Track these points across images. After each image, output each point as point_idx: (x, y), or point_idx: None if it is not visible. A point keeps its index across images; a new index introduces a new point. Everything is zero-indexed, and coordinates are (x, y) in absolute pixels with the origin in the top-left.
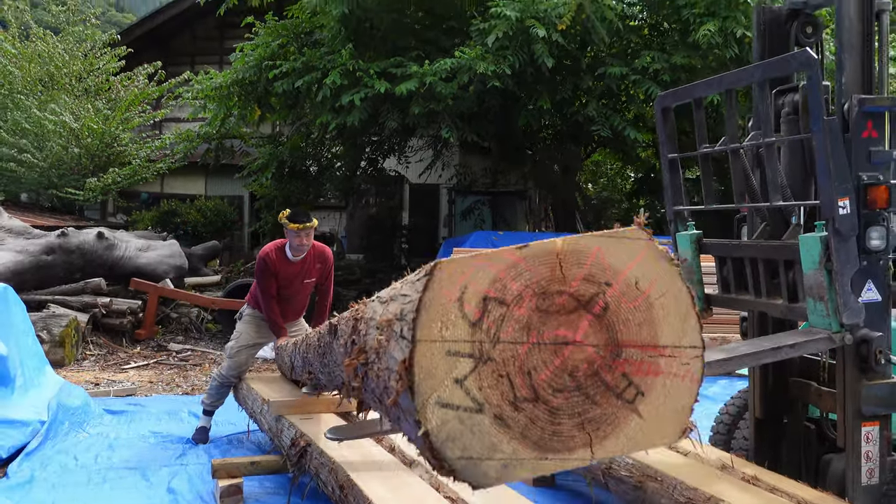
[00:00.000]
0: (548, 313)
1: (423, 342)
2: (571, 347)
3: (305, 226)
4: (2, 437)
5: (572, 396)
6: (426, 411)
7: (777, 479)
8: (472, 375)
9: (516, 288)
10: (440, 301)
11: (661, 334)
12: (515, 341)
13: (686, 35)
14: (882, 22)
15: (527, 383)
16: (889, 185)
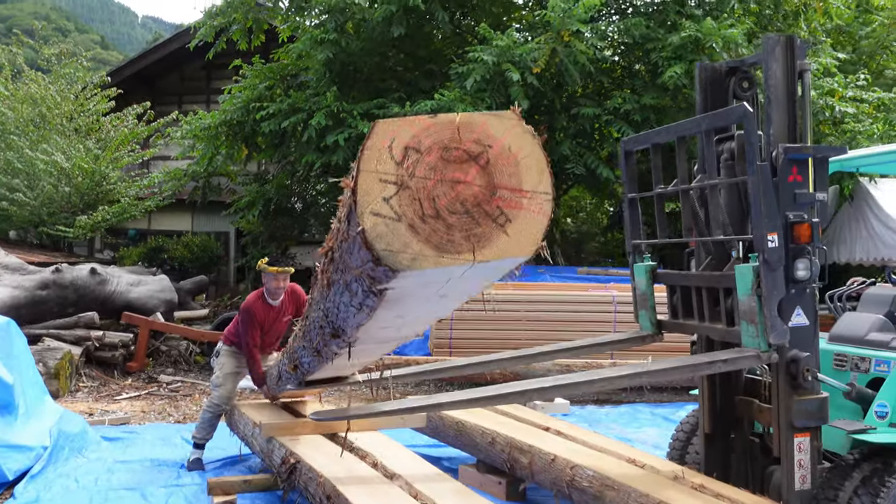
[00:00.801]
0: (448, 161)
1: (364, 172)
2: (463, 185)
3: (283, 270)
4: (8, 460)
5: (462, 218)
6: (364, 218)
7: (722, 486)
8: (395, 197)
9: (428, 143)
10: (377, 146)
11: (524, 182)
12: (425, 177)
13: (655, 77)
14: (804, 80)
15: (432, 206)
16: (812, 223)
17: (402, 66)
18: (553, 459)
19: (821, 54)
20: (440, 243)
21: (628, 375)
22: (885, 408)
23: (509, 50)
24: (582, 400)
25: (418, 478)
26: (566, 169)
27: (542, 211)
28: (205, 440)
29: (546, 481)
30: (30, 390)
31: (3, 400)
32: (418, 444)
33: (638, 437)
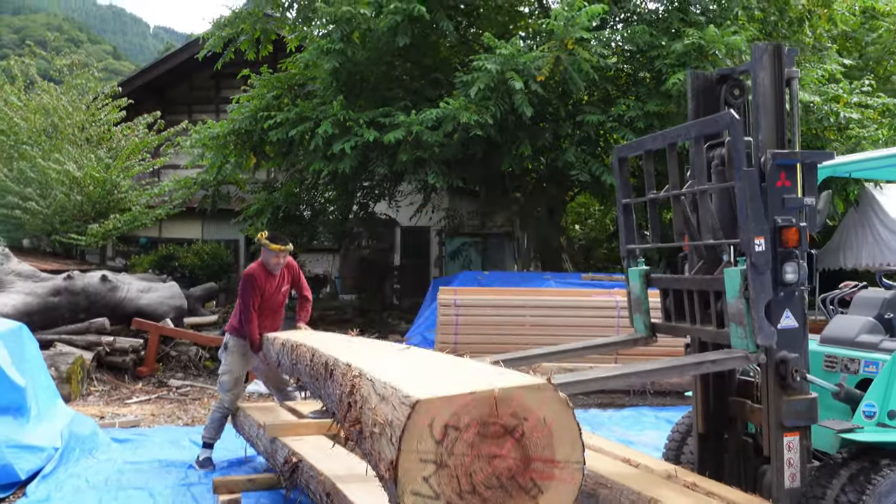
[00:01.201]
0: (485, 437)
1: (405, 451)
2: (499, 459)
3: (284, 248)
4: (21, 461)
5: (497, 491)
6: (404, 497)
7: (714, 485)
8: (434, 475)
9: (467, 420)
10: (417, 425)
11: (557, 453)
12: (464, 454)
13: (660, 84)
14: (792, 87)
15: (469, 482)
16: (800, 228)
17: (408, 75)
18: None
19: (826, 60)
20: None
21: (620, 375)
22: (873, 408)
23: (513, 58)
24: (585, 404)
25: None
26: (571, 176)
27: (573, 480)
28: (213, 440)
29: None
30: (41, 393)
31: (16, 402)
32: None
33: (640, 439)
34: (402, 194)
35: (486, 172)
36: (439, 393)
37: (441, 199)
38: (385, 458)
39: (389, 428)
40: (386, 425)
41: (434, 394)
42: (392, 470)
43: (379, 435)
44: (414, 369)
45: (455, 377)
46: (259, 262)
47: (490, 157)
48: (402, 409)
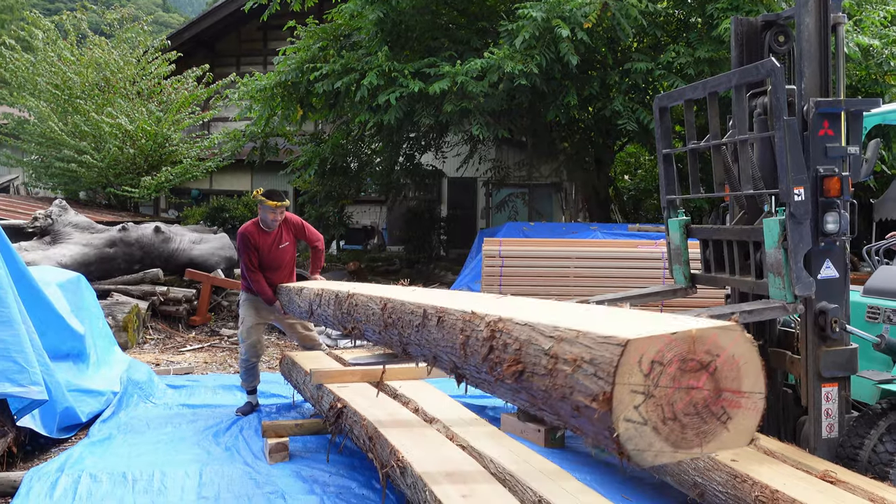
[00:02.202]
0: (684, 371)
1: (618, 384)
2: (695, 391)
3: (280, 204)
4: (82, 404)
5: (693, 418)
6: (617, 424)
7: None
8: (642, 405)
9: (669, 356)
10: (628, 361)
11: (743, 385)
12: (666, 386)
13: (711, 29)
14: (838, 33)
15: (671, 410)
16: (841, 177)
17: (453, 24)
18: None
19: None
20: (676, 441)
21: None
22: None
23: (559, 5)
24: None
25: (455, 422)
26: (618, 125)
27: (756, 408)
28: (252, 386)
29: None
30: (100, 341)
31: (76, 349)
32: (464, 395)
33: None
34: (448, 145)
35: (532, 123)
36: (646, 333)
37: (488, 150)
38: (588, 390)
39: (589, 365)
40: (582, 363)
41: (641, 334)
42: (606, 401)
43: (572, 372)
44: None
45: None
46: (253, 221)
47: (536, 107)
48: (608, 348)
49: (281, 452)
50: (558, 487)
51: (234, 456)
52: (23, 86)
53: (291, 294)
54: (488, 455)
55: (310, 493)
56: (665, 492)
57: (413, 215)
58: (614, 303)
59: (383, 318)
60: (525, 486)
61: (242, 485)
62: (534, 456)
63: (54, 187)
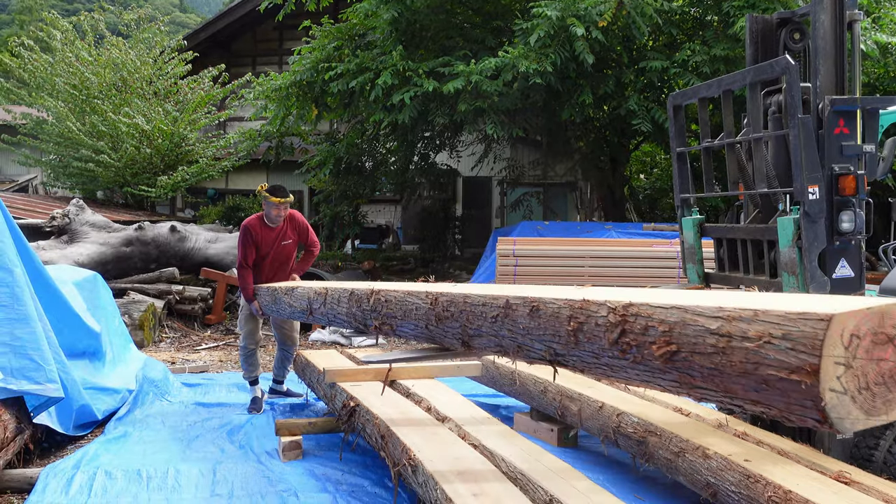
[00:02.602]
0: (876, 343)
1: (825, 357)
2: (884, 362)
3: (284, 200)
4: (98, 401)
5: (881, 388)
6: (824, 394)
7: (765, 434)
8: (843, 375)
9: (864, 329)
10: (832, 335)
11: None
12: (862, 357)
13: (727, 27)
14: (854, 31)
15: (864, 380)
16: (857, 175)
17: (468, 23)
18: (601, 407)
19: None
20: (868, 409)
21: None
22: None
23: (574, 4)
24: None
25: (467, 421)
26: (633, 124)
27: None
28: (253, 375)
29: (594, 428)
30: (115, 339)
31: (92, 347)
32: (478, 394)
33: None
34: (463, 144)
35: (547, 122)
36: (842, 308)
37: (503, 149)
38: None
39: (783, 341)
40: (771, 339)
41: (838, 309)
42: (814, 373)
43: (756, 348)
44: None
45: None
46: (257, 215)
47: (551, 106)
48: (807, 323)
49: (294, 450)
50: (570, 487)
51: (247, 454)
52: (41, 86)
53: (278, 294)
54: (500, 454)
55: (322, 490)
56: (678, 492)
57: (428, 214)
58: None
59: (435, 312)
60: (536, 485)
61: (256, 482)
62: (546, 455)
63: (72, 187)
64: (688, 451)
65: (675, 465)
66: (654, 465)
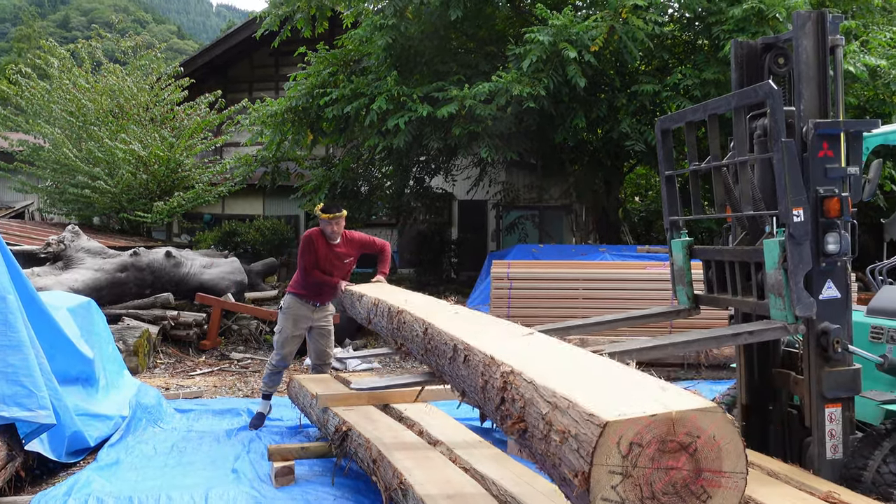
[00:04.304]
0: (664, 452)
1: (596, 465)
2: (675, 471)
3: (335, 215)
4: (91, 428)
5: (673, 497)
6: (595, 502)
7: (755, 456)
8: (620, 484)
9: (648, 437)
10: (607, 443)
11: (724, 465)
12: (645, 466)
13: (717, 51)
14: (836, 55)
15: (649, 489)
16: (841, 197)
17: (462, 49)
18: None
19: None
20: None
21: (656, 347)
22: None
23: (566, 29)
24: None
25: (459, 444)
26: (626, 147)
27: (737, 487)
28: (271, 390)
29: None
30: (109, 365)
31: (85, 373)
32: (472, 418)
33: None
34: (458, 168)
35: (541, 145)
36: (625, 415)
37: (498, 173)
38: (571, 465)
39: (574, 440)
40: (568, 436)
41: (621, 415)
42: (584, 480)
43: (560, 443)
44: (566, 372)
45: (620, 388)
46: (319, 229)
47: (544, 129)
48: (590, 427)
49: (287, 476)
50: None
51: (240, 479)
52: (38, 113)
53: (353, 299)
54: (491, 477)
55: None
56: None
57: (423, 238)
58: (615, 325)
59: (424, 343)
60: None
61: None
62: (537, 479)
63: (68, 213)
64: None
65: None
66: None
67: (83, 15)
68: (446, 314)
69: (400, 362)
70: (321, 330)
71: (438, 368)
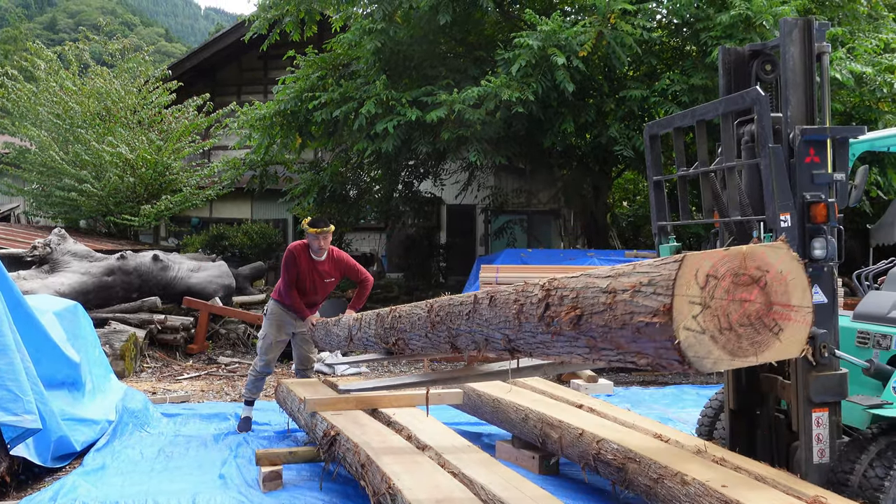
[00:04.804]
0: (737, 285)
1: (677, 296)
2: (748, 303)
3: (322, 230)
4: (76, 433)
5: (748, 329)
6: (678, 332)
7: (742, 460)
8: (699, 315)
9: (723, 270)
10: (685, 275)
11: (792, 299)
12: (721, 298)
13: (705, 57)
14: (823, 63)
15: (727, 320)
16: (828, 203)
17: (451, 54)
18: (581, 434)
19: (882, 29)
20: (733, 349)
21: None
22: None
23: (555, 34)
24: (627, 381)
25: (448, 449)
26: (615, 152)
27: (805, 321)
28: (253, 396)
29: (574, 455)
30: (95, 369)
31: (71, 377)
32: (460, 422)
33: (679, 416)
34: (446, 173)
35: (529, 150)
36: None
37: (486, 177)
38: (649, 308)
39: (648, 287)
40: (640, 286)
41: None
42: (667, 311)
43: (631, 297)
44: None
45: None
46: (303, 243)
47: (533, 134)
48: (665, 267)
49: (275, 481)
50: None
51: (227, 484)
52: (24, 115)
53: (329, 327)
54: (479, 482)
55: None
56: None
57: (412, 242)
58: None
59: (430, 319)
60: None
61: None
62: (526, 483)
63: (55, 216)
64: (666, 478)
65: (654, 491)
66: (634, 492)
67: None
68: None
69: (389, 367)
70: (304, 335)
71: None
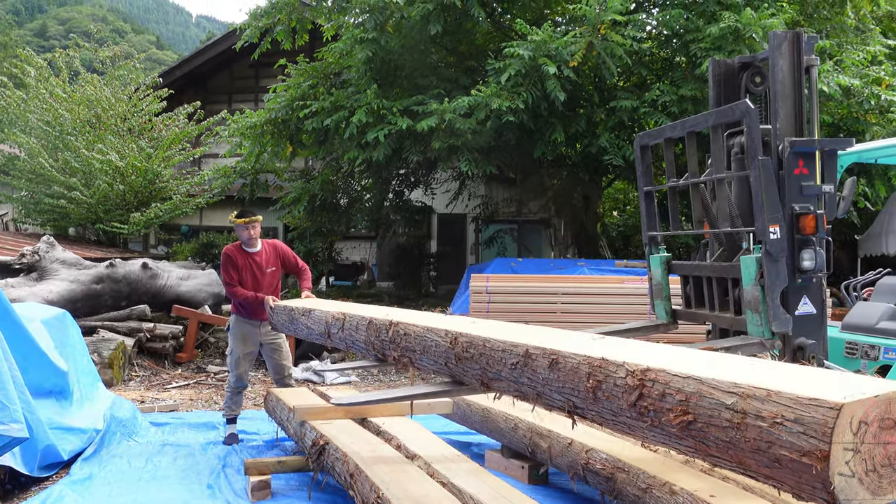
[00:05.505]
0: (882, 428)
1: (835, 444)
2: (890, 445)
3: (250, 219)
4: (64, 442)
5: (888, 469)
6: (833, 478)
7: (728, 470)
8: (851, 460)
9: (872, 416)
10: (842, 424)
11: None
12: (869, 442)
13: (695, 68)
14: (811, 75)
15: (871, 462)
16: (817, 215)
17: (442, 63)
18: (570, 443)
19: (869, 42)
20: (874, 489)
21: None
22: None
23: (545, 44)
24: None
25: (437, 458)
26: (605, 161)
27: None
28: (234, 413)
29: (563, 464)
30: (83, 378)
31: (59, 386)
32: (450, 431)
33: None
34: (437, 182)
35: (520, 159)
36: (853, 397)
37: (477, 186)
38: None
39: (796, 424)
40: (783, 421)
41: (848, 398)
42: (824, 458)
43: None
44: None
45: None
46: (236, 243)
47: (524, 143)
48: (818, 410)
49: (263, 490)
50: None
51: (215, 494)
52: (14, 122)
53: (295, 315)
54: (468, 492)
55: None
56: None
57: (403, 251)
58: None
59: (455, 352)
60: None
61: None
62: (514, 493)
63: (44, 223)
64: (655, 488)
65: (642, 501)
66: (623, 502)
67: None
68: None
69: (378, 375)
70: (272, 345)
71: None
